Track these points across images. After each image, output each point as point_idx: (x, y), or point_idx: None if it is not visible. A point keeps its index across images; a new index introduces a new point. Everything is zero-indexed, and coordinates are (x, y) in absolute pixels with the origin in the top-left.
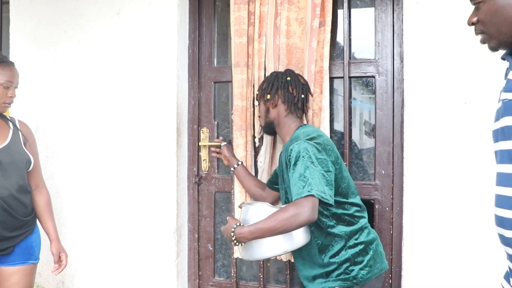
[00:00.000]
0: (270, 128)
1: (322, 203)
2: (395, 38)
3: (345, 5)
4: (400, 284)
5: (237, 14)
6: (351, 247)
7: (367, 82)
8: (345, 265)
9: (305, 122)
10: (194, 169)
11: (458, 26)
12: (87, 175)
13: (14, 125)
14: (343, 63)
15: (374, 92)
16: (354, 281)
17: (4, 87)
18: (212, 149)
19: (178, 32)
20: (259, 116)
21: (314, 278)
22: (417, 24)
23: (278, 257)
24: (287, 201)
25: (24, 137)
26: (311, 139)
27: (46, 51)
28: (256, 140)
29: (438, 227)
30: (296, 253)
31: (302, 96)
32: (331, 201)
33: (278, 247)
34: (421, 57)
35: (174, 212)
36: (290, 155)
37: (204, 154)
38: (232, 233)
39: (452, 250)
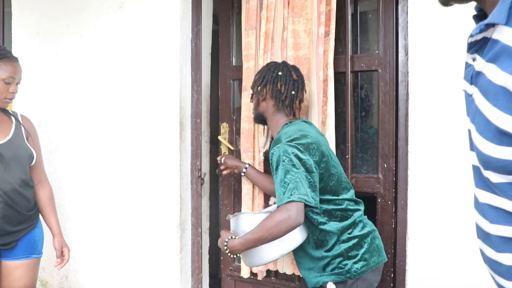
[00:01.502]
0: (260, 120)
1: (307, 205)
2: (399, 30)
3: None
4: (404, 278)
5: (246, 40)
6: (344, 241)
7: (371, 76)
8: (338, 259)
9: (300, 117)
10: (198, 163)
11: (464, 17)
12: (90, 169)
13: (17, 119)
14: (345, 58)
15: (377, 86)
16: (348, 275)
17: (5, 83)
18: (221, 167)
19: (181, 26)
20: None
21: (310, 270)
22: (423, 16)
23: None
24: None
25: (26, 131)
26: (292, 140)
27: (49, 46)
28: (261, 154)
29: (443, 221)
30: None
31: (292, 92)
32: (314, 203)
33: (274, 251)
34: (426, 49)
35: (178, 206)
36: (271, 159)
37: (224, 147)
38: (225, 246)
39: (457, 245)
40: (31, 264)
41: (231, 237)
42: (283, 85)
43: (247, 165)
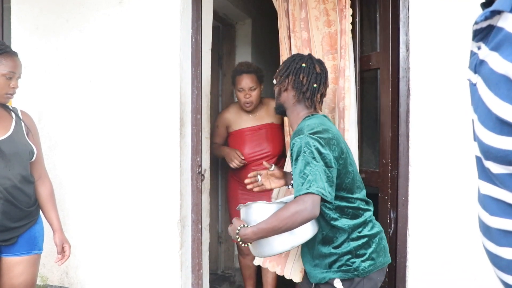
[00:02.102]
0: (281, 110)
1: (322, 200)
2: (400, 26)
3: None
4: (405, 275)
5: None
6: (354, 239)
7: (372, 72)
8: (346, 257)
9: (319, 112)
10: (198, 159)
11: (465, 13)
12: (90, 165)
13: (17, 115)
14: (355, 58)
15: (378, 81)
16: (355, 273)
17: (6, 78)
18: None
19: (181, 21)
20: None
21: (316, 266)
22: (424, 11)
23: None
24: None
25: (26, 127)
26: (314, 133)
27: (48, 41)
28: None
29: (444, 217)
30: None
31: (314, 85)
32: (330, 198)
33: (285, 243)
34: (427, 45)
35: (178, 202)
36: (292, 150)
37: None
38: (237, 235)
39: (458, 240)
40: (31, 260)
41: (243, 226)
42: (305, 76)
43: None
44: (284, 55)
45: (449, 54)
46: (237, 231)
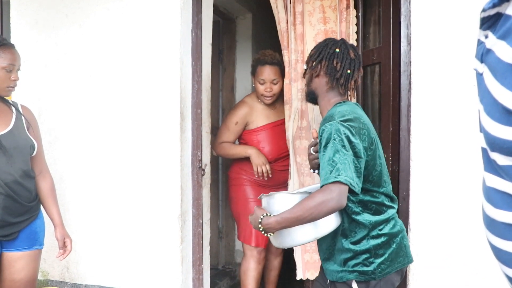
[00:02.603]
0: (311, 98)
1: (349, 191)
2: (402, 20)
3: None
4: (406, 270)
5: (284, 58)
6: (373, 237)
7: (373, 66)
8: (364, 256)
9: (352, 99)
10: (198, 153)
11: (467, 6)
12: (90, 160)
13: (17, 109)
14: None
15: (379, 76)
16: (372, 275)
17: (6, 71)
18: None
19: (181, 15)
20: (305, 82)
21: (330, 259)
22: (425, 5)
23: None
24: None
25: (27, 121)
26: (345, 120)
27: (48, 36)
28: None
29: (445, 212)
30: None
31: (348, 71)
32: (357, 189)
33: (308, 233)
34: (429, 39)
35: (178, 197)
36: (321, 136)
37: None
38: (259, 224)
39: (459, 235)
40: (32, 255)
41: (266, 214)
42: (339, 62)
43: None
44: (284, 49)
45: (451, 48)
46: (260, 220)
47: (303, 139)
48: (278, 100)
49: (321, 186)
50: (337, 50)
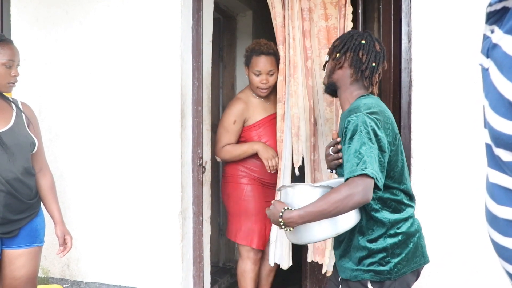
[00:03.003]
0: (331, 89)
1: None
2: (403, 17)
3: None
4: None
5: (280, 54)
6: (391, 236)
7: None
8: (381, 255)
9: (375, 93)
10: (199, 151)
11: (468, 3)
12: (91, 158)
13: (17, 106)
14: None
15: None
16: (388, 275)
17: (6, 67)
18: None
19: (181, 12)
20: (325, 73)
21: (345, 256)
22: (426, 2)
23: None
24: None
25: (27, 118)
26: (371, 113)
27: (48, 33)
28: (296, 170)
29: (446, 210)
30: None
31: (373, 64)
32: (380, 185)
33: (326, 231)
34: (429, 36)
35: (179, 194)
36: (346, 127)
37: None
38: (280, 218)
39: (460, 234)
40: (33, 253)
41: (287, 208)
42: (365, 54)
43: None
44: (280, 44)
45: (452, 45)
46: (281, 214)
47: (313, 136)
48: (272, 92)
49: (346, 179)
50: (363, 41)
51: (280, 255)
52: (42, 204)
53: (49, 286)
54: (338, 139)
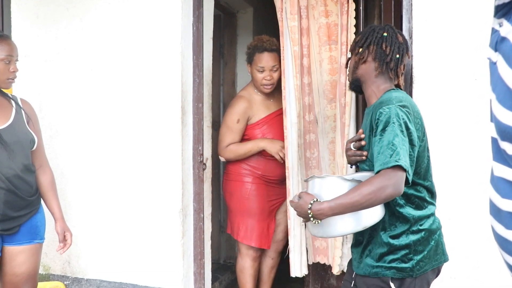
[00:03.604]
0: (356, 86)
1: None
2: (403, 13)
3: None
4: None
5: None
6: (413, 232)
7: None
8: (403, 252)
9: (401, 85)
10: (199, 148)
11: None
12: (91, 155)
13: (17, 103)
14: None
15: None
16: (410, 273)
17: (5, 62)
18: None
19: (182, 9)
20: (348, 70)
21: (364, 252)
22: None
23: None
24: (366, 168)
25: (27, 115)
26: (403, 106)
27: (48, 30)
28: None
29: (446, 207)
30: None
31: (397, 56)
32: (410, 179)
33: (348, 225)
34: (430, 32)
35: (179, 191)
36: (378, 119)
37: None
38: (309, 210)
39: (461, 230)
40: (33, 249)
41: (316, 200)
42: (388, 46)
43: None
44: (282, 41)
45: (453, 41)
46: (310, 206)
47: (311, 133)
48: (275, 89)
49: (378, 171)
50: (385, 34)
51: (299, 262)
52: (42, 201)
53: (50, 283)
54: (362, 136)
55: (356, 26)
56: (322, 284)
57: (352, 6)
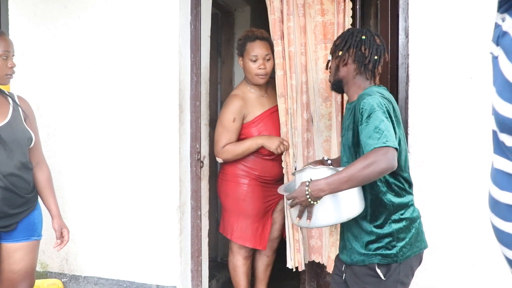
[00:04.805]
0: (338, 86)
1: None
2: (400, 12)
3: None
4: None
5: (276, 49)
6: (395, 221)
7: None
8: (387, 239)
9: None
10: (197, 146)
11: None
12: (89, 153)
13: (14, 101)
14: None
15: None
16: (395, 258)
17: (2, 58)
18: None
19: (180, 8)
20: (330, 72)
21: (351, 242)
22: None
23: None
24: (343, 162)
25: (24, 113)
26: (383, 97)
27: (46, 28)
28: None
29: (442, 205)
30: None
31: (375, 57)
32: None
33: (338, 214)
34: (426, 31)
35: (177, 189)
36: (362, 108)
37: None
38: (307, 188)
39: (457, 228)
40: (31, 246)
41: (311, 180)
42: (367, 48)
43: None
44: (278, 39)
45: (449, 40)
46: (307, 184)
47: (308, 131)
48: (268, 85)
49: (372, 149)
50: (364, 37)
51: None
52: (39, 198)
53: (48, 280)
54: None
55: (353, 25)
56: (318, 281)
57: (349, 5)
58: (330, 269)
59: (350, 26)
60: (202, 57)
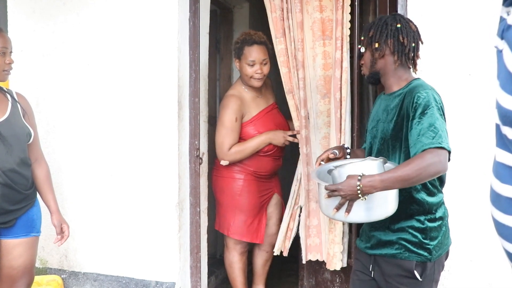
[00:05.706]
0: (374, 79)
1: None
2: (398, 10)
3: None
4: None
5: (279, 47)
6: (430, 220)
7: None
8: (421, 238)
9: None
10: (196, 142)
11: None
12: (88, 149)
13: (12, 97)
14: (353, 45)
15: None
16: (429, 257)
17: (0, 55)
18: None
19: (178, 4)
20: (362, 64)
21: (385, 238)
22: None
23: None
24: (374, 153)
25: (22, 109)
26: (437, 94)
27: (45, 24)
28: None
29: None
30: None
31: (413, 44)
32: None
33: (367, 214)
34: (425, 29)
35: (176, 186)
36: (416, 102)
37: None
38: (358, 183)
39: (455, 224)
40: (30, 242)
41: (363, 174)
42: (405, 37)
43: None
44: (280, 37)
45: (447, 37)
46: (359, 178)
47: (305, 128)
48: (263, 85)
49: (422, 151)
50: (399, 25)
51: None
52: (38, 195)
53: (47, 276)
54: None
55: (351, 21)
56: (317, 278)
57: (347, 1)
58: (329, 265)
59: (348, 23)
60: (201, 54)
